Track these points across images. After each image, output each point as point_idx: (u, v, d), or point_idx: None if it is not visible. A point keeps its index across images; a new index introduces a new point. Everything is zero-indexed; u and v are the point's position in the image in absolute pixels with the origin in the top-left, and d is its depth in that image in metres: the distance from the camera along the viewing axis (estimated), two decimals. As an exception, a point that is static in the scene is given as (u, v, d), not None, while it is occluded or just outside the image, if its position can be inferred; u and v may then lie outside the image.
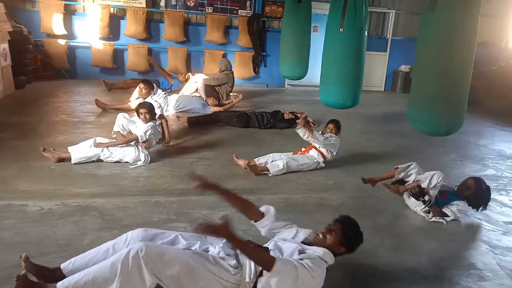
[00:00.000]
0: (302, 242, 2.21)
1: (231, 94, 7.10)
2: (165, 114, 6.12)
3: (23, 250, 2.43)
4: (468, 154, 5.31)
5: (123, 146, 4.03)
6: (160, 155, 4.38)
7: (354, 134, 5.89)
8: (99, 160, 3.99)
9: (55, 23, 8.05)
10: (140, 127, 4.11)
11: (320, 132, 4.22)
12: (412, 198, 3.28)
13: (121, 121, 4.30)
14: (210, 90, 6.95)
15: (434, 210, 3.28)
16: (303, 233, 2.29)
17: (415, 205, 3.39)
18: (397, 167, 3.61)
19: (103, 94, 7.18)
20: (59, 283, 1.88)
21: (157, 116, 4.37)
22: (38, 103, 6.28)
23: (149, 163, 4.08)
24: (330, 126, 4.30)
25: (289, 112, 6.03)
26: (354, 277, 2.50)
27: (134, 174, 3.81)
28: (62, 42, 8.18)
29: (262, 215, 2.30)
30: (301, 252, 2.09)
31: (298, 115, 4.44)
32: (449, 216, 3.29)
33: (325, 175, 4.15)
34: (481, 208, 3.34)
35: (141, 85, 5.22)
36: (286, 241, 2.22)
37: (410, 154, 4.84)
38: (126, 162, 4.02)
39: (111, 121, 5.40)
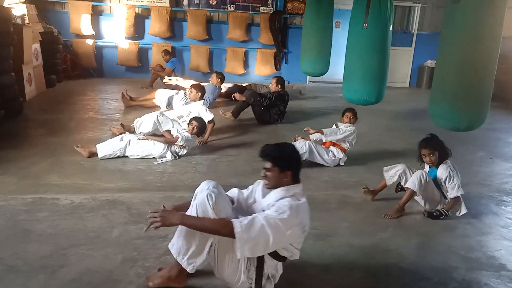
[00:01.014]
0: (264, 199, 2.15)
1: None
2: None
3: (56, 241, 2.56)
4: (498, 152, 5.16)
5: (156, 144, 4.16)
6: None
7: (378, 130, 5.82)
8: (125, 156, 4.10)
9: (83, 23, 8.30)
10: (181, 132, 4.27)
11: (334, 125, 4.22)
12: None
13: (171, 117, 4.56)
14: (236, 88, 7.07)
15: (450, 207, 3.25)
16: (260, 188, 2.23)
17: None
18: (384, 169, 3.51)
19: (129, 93, 7.32)
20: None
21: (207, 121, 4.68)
22: (68, 101, 6.50)
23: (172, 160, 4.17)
24: (348, 114, 4.32)
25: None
26: (378, 276, 2.48)
27: (159, 170, 3.91)
28: (90, 42, 8.43)
29: (233, 199, 2.29)
30: (262, 210, 2.04)
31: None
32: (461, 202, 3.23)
33: (348, 172, 4.13)
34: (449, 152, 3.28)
35: (190, 88, 5.19)
36: (254, 205, 2.19)
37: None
38: (153, 158, 4.12)
39: (136, 118, 5.55)
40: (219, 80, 6.63)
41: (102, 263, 2.36)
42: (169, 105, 5.96)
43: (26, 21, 6.46)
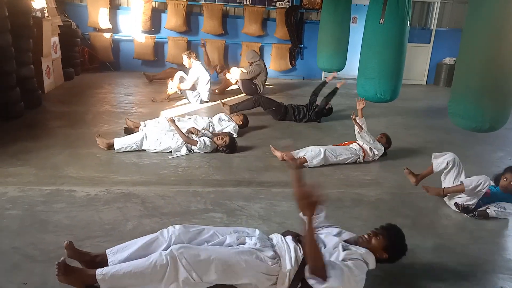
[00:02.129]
0: (345, 241, 2.20)
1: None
2: (200, 105, 6.32)
3: (72, 233, 2.60)
4: (517, 152, 5.04)
5: (174, 135, 4.20)
6: (199, 146, 4.48)
7: (393, 128, 5.74)
8: (141, 150, 4.15)
9: (101, 17, 8.37)
10: (205, 139, 4.25)
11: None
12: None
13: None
14: (248, 83, 7.03)
15: (479, 214, 3.20)
16: (347, 234, 2.29)
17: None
18: (434, 155, 3.49)
19: (144, 86, 7.42)
20: (99, 270, 1.94)
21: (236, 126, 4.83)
22: (85, 94, 6.60)
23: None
24: (382, 136, 4.39)
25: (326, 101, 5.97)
26: (393, 276, 2.46)
27: (173, 164, 3.94)
28: (107, 35, 8.51)
29: None
30: (344, 248, 2.08)
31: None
32: (493, 217, 3.17)
33: (363, 170, 4.09)
34: None
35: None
36: (329, 235, 2.22)
37: (454, 151, 4.60)
38: (168, 152, 4.16)
39: (151, 112, 5.62)
40: (189, 60, 6.58)
41: (117, 255, 2.40)
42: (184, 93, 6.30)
43: (46, 15, 6.55)
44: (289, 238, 2.19)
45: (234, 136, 4.65)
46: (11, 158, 3.77)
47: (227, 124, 4.87)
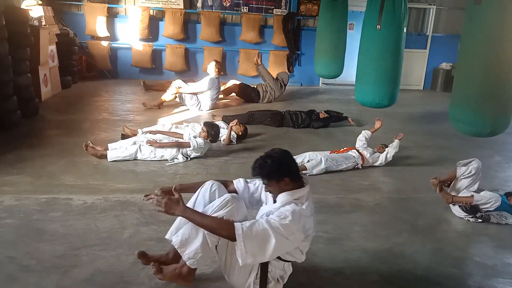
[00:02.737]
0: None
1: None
2: (199, 112, 6.30)
3: (69, 241, 2.58)
4: (514, 156, 5.04)
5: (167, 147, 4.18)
6: (196, 153, 4.47)
7: (391, 134, 5.70)
8: (135, 159, 4.13)
9: (98, 25, 8.39)
10: (196, 139, 4.24)
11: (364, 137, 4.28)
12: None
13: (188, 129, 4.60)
14: (248, 90, 7.09)
15: (487, 220, 3.20)
16: (264, 193, 2.21)
17: (460, 211, 3.26)
18: (459, 163, 3.42)
19: (142, 93, 7.42)
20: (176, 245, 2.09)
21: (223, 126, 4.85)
22: (83, 102, 6.59)
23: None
24: (383, 146, 4.44)
25: (324, 111, 5.98)
26: (393, 282, 2.44)
27: (171, 171, 3.92)
28: (105, 43, 8.53)
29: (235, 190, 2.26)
30: (268, 214, 1.99)
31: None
32: (493, 223, 3.17)
33: (361, 175, 4.08)
34: None
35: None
36: (263, 208, 2.17)
37: (452, 155, 4.66)
38: (165, 159, 4.14)
39: (149, 119, 5.61)
40: (217, 70, 6.51)
41: (113, 264, 2.38)
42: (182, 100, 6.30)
43: (43, 23, 6.57)
44: None
45: (208, 121, 4.56)
46: (7, 166, 3.75)
47: (224, 132, 4.85)
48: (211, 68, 6.51)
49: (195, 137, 4.31)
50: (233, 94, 7.44)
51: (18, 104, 5.06)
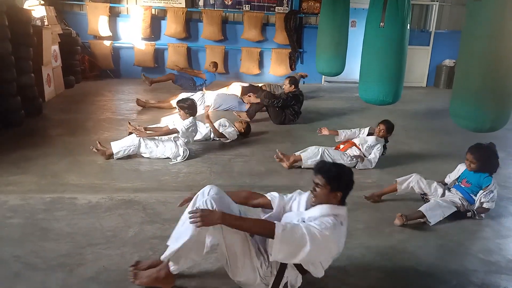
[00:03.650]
0: (307, 209, 2.12)
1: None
2: (202, 111, 6.31)
3: (73, 240, 2.60)
4: (518, 153, 5.03)
5: (164, 141, 4.16)
6: (198, 152, 4.48)
7: (395, 131, 5.69)
8: (141, 156, 4.15)
9: (101, 25, 8.42)
10: (180, 122, 4.19)
11: (367, 134, 4.20)
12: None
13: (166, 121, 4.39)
14: (251, 88, 7.06)
15: (482, 211, 3.18)
16: (304, 200, 2.18)
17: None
18: (396, 180, 3.41)
19: (145, 93, 7.43)
20: (162, 257, 2.11)
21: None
22: (86, 101, 6.62)
23: (187, 158, 4.19)
24: (381, 127, 4.17)
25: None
26: (396, 278, 2.45)
27: (174, 170, 3.93)
28: (107, 43, 8.55)
29: (269, 202, 2.25)
30: (302, 220, 2.01)
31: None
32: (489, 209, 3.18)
33: (363, 173, 4.08)
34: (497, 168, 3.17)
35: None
36: (290, 217, 2.15)
37: (454, 152, 4.65)
38: (167, 158, 4.15)
39: (152, 118, 5.63)
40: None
41: (118, 262, 2.40)
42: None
43: (46, 23, 6.59)
44: None
45: (183, 98, 4.48)
46: (11, 166, 3.77)
47: (228, 130, 4.86)
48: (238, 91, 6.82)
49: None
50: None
51: (22, 103, 5.08)
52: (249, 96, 5.97)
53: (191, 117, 4.21)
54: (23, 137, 4.65)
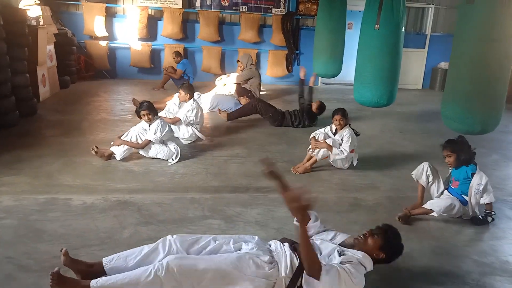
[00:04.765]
0: (340, 245, 2.20)
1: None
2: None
3: (67, 242, 2.58)
4: (512, 155, 5.06)
5: (154, 144, 4.12)
6: (195, 153, 4.47)
7: (390, 133, 5.76)
8: (138, 158, 4.13)
9: (97, 25, 8.39)
10: (149, 130, 4.11)
11: (329, 128, 4.18)
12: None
13: (134, 133, 4.16)
14: (243, 90, 7.03)
15: (490, 208, 3.21)
16: (341, 237, 2.29)
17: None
18: (412, 174, 3.42)
19: (141, 93, 7.41)
20: (93, 281, 1.91)
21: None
22: (81, 102, 6.58)
23: (183, 158, 4.18)
24: (337, 117, 4.07)
25: (317, 101, 5.94)
26: (391, 280, 2.45)
27: (170, 171, 3.92)
28: (103, 43, 8.52)
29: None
30: (340, 253, 2.08)
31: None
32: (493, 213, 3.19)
33: (360, 174, 4.09)
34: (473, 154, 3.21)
35: (180, 90, 4.88)
36: (324, 241, 2.22)
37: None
38: (161, 159, 4.13)
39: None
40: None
41: (112, 264, 2.37)
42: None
43: (41, 23, 6.56)
44: (286, 244, 2.17)
45: (143, 102, 4.30)
46: (5, 167, 3.74)
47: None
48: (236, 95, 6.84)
49: (145, 129, 4.15)
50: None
51: (16, 104, 5.06)
52: (245, 98, 5.96)
53: (155, 119, 4.12)
54: (18, 138, 4.61)
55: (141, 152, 4.14)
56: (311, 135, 4.23)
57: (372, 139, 5.36)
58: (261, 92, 7.52)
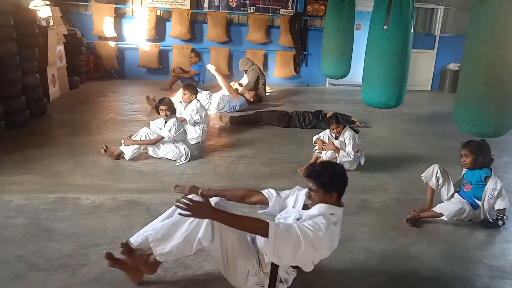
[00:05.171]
0: (303, 208, 2.13)
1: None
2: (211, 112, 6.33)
3: (77, 240, 2.60)
4: (523, 157, 5.00)
5: (165, 143, 4.15)
6: (203, 153, 4.49)
7: (398, 134, 5.72)
8: (146, 158, 4.15)
9: (106, 26, 8.45)
10: (164, 127, 4.15)
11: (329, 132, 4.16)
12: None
13: (144, 133, 4.18)
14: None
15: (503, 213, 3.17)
16: (302, 197, 2.18)
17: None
18: (422, 176, 3.39)
19: (149, 93, 7.43)
20: (157, 249, 2.00)
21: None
22: (90, 102, 6.64)
23: (191, 159, 4.19)
24: (333, 127, 4.07)
25: (332, 113, 5.96)
26: (399, 283, 2.44)
27: (178, 171, 3.93)
28: (112, 44, 8.58)
29: (266, 199, 2.26)
30: (298, 218, 2.02)
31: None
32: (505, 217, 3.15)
33: (368, 176, 4.07)
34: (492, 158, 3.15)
35: (184, 90, 4.80)
36: (288, 211, 2.17)
37: (458, 156, 4.61)
38: (169, 159, 4.15)
39: (155, 119, 5.61)
40: (252, 97, 6.80)
41: (121, 263, 2.39)
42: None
43: (51, 23, 6.62)
44: None
45: (164, 98, 4.38)
46: (16, 166, 3.78)
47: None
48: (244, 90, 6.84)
49: (159, 127, 4.22)
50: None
51: (26, 104, 5.11)
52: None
53: (172, 117, 4.15)
54: (28, 137, 4.66)
55: (150, 152, 4.15)
56: (315, 137, 4.21)
57: (380, 140, 5.33)
58: (267, 93, 7.54)
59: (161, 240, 2.01)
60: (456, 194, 3.27)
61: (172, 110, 4.16)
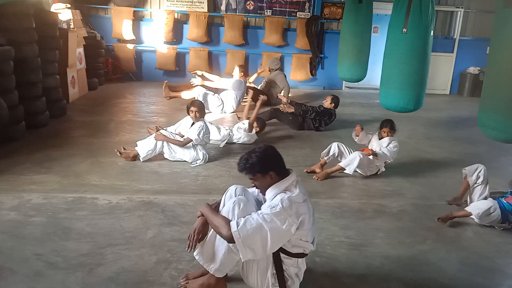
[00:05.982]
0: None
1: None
2: (222, 114, 6.34)
3: (94, 240, 2.64)
4: (546, 164, 4.85)
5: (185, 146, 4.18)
6: (218, 155, 4.50)
7: (416, 139, 5.63)
8: (162, 159, 4.18)
9: (125, 29, 8.59)
10: (191, 128, 4.21)
11: (377, 137, 4.13)
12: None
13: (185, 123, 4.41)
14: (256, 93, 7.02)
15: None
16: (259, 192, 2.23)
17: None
18: (465, 169, 3.38)
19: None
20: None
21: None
22: (108, 103, 6.74)
23: (207, 161, 4.21)
24: (385, 129, 4.17)
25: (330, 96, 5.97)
26: (415, 289, 2.39)
27: (193, 173, 3.95)
28: (130, 46, 8.71)
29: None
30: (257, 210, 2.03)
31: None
32: None
33: (384, 181, 4.02)
34: None
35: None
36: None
37: (478, 162, 4.51)
38: (185, 161, 4.17)
39: (172, 120, 5.66)
40: (243, 73, 6.66)
41: (137, 263, 2.41)
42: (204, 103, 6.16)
43: (71, 26, 6.77)
44: None
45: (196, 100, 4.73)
46: (35, 166, 3.86)
47: (243, 134, 4.89)
48: (236, 73, 6.61)
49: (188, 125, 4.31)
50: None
51: (47, 105, 5.22)
52: (284, 105, 5.88)
53: (200, 120, 4.21)
54: (48, 138, 4.76)
55: (166, 155, 4.17)
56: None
57: (398, 144, 5.24)
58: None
59: (210, 259, 2.08)
60: (489, 198, 3.22)
61: (201, 113, 4.25)
